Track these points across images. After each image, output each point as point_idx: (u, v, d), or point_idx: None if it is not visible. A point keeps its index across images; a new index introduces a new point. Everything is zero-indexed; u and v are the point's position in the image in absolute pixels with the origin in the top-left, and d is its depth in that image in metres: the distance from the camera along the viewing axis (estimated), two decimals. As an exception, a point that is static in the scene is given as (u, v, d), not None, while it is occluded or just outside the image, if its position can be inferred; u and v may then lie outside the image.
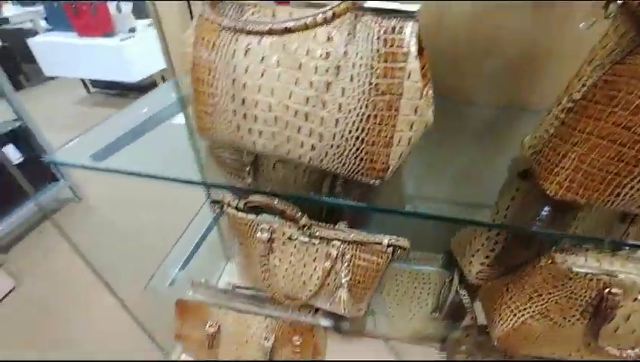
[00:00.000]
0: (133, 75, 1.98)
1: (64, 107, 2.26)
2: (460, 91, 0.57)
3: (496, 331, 0.51)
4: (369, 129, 0.31)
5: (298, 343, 0.65)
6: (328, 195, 0.57)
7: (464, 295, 0.65)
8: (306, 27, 0.30)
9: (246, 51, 0.33)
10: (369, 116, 0.30)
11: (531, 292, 0.45)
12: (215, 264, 0.97)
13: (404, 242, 0.45)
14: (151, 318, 0.74)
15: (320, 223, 0.49)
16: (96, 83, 2.41)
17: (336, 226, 0.49)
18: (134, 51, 1.87)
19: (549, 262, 0.42)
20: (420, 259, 0.73)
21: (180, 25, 0.65)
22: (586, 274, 0.40)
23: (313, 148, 0.34)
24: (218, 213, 0.84)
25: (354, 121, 0.31)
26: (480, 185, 0.49)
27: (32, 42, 2.04)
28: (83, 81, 2.35)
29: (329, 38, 0.30)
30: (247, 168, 0.57)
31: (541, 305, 0.44)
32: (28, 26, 2.58)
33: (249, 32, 0.32)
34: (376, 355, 0.84)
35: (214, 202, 0.53)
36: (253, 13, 0.34)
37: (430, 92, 0.33)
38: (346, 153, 0.33)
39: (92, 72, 2.09)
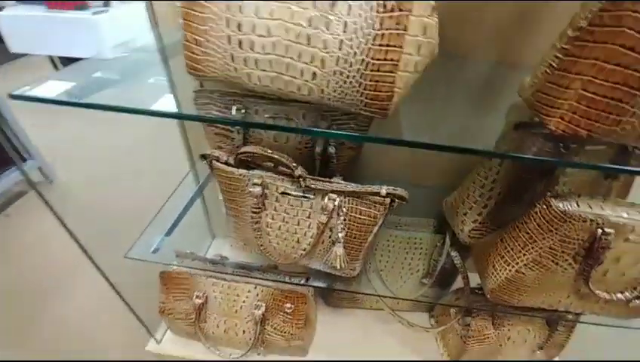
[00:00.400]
0: (106, 53, 1.86)
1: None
2: (455, 45, 0.57)
3: (490, 283, 0.51)
4: (375, 50, 0.29)
5: (290, 311, 0.63)
6: (321, 158, 0.56)
7: (456, 256, 0.66)
8: None
9: (240, -30, 0.30)
10: (375, 36, 0.29)
11: (526, 239, 0.45)
12: (202, 241, 0.93)
13: (402, 192, 0.45)
14: (135, 296, 0.70)
15: (316, 177, 0.47)
16: (65, 61, 2.25)
17: (333, 179, 0.47)
18: (109, 26, 1.75)
19: (545, 206, 0.43)
20: (411, 224, 0.73)
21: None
22: (580, 215, 0.40)
23: (315, 76, 0.32)
24: (203, 183, 0.81)
25: (359, 43, 0.29)
26: (476, 138, 0.49)
27: (-6, 16, 1.87)
28: (51, 58, 2.19)
29: (333, -49, 0.28)
30: (237, 128, 0.54)
31: (535, 252, 0.45)
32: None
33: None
34: (366, 325, 0.84)
35: (202, 156, 0.50)
36: None
37: (436, 19, 0.32)
38: (349, 81, 0.31)
39: (61, 48, 1.94)
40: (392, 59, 0.29)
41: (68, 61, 2.27)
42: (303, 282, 0.62)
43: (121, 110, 0.38)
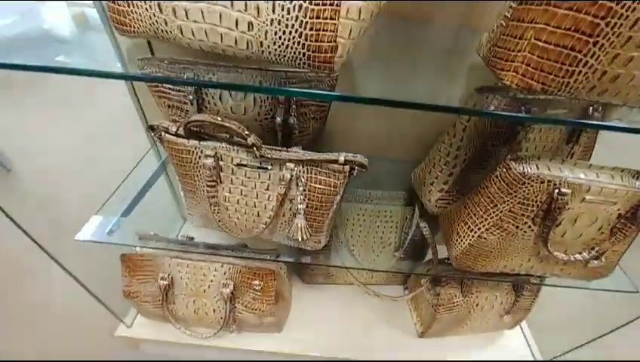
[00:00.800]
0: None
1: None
2: (419, 9, 0.54)
3: (454, 250, 0.51)
4: (313, -6, 0.26)
5: (259, 288, 0.62)
6: (282, 128, 0.53)
7: (425, 227, 0.66)
8: None
9: None
10: (312, -24, 0.26)
11: (487, 203, 0.45)
12: (173, 223, 0.90)
13: (361, 159, 0.43)
14: (101, 282, 0.67)
15: (273, 146, 0.44)
16: None
17: (291, 149, 0.45)
18: None
19: (504, 169, 0.42)
20: (382, 198, 0.72)
21: None
22: (538, 176, 0.40)
23: (250, 27, 0.29)
24: (164, 160, 0.76)
25: (295, -16, 0.26)
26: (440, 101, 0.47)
27: None
28: None
29: None
30: (191, 98, 0.51)
31: (496, 216, 0.45)
32: None
33: None
34: (342, 300, 0.84)
35: (150, 128, 0.46)
36: None
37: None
38: (288, 31, 0.28)
39: None
40: (332, 4, 0.26)
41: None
42: (270, 258, 0.61)
43: (65, 71, 0.34)
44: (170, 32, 0.31)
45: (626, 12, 0.26)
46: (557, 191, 0.40)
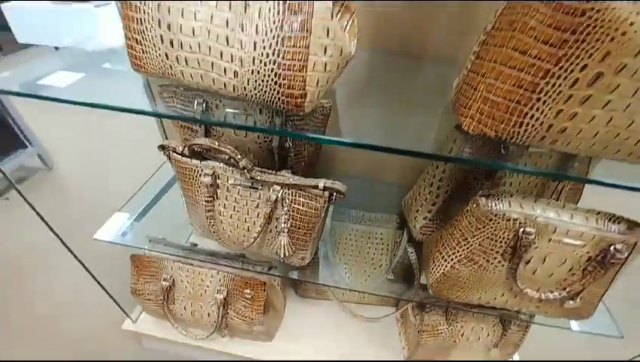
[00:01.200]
0: (105, 44, 1.92)
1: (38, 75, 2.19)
2: (409, 46, 0.58)
3: (430, 277, 0.53)
4: (284, 52, 0.31)
5: (249, 296, 0.66)
6: (279, 151, 0.58)
7: (411, 252, 0.68)
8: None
9: (170, -25, 0.33)
10: (284, 38, 0.31)
11: (459, 236, 0.47)
12: (183, 229, 0.97)
13: (339, 186, 0.47)
14: (113, 279, 0.74)
15: (263, 169, 0.50)
16: (69, 51, 2.34)
17: (280, 172, 0.50)
18: (109, 19, 1.81)
19: (474, 205, 0.44)
20: (375, 220, 0.75)
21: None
22: (504, 214, 0.42)
23: (236, 75, 0.34)
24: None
25: (270, 44, 0.31)
26: (422, 138, 0.50)
27: (6, 8, 1.95)
28: (57, 49, 2.27)
29: (247, -41, 0.30)
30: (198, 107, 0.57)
31: (467, 249, 0.47)
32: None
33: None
34: (334, 316, 0.87)
35: (161, 147, 0.53)
36: None
37: (351, 23, 0.34)
38: (265, 78, 0.33)
39: (65, 39, 2.01)
40: (300, 60, 0.31)
41: (71, 51, 2.35)
42: (261, 270, 0.65)
43: (97, 106, 0.42)
44: (174, 74, 0.38)
45: (564, 73, 0.29)
46: (522, 229, 0.42)
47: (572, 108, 0.31)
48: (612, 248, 0.42)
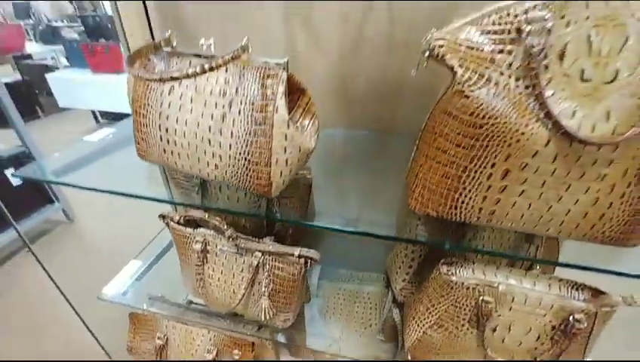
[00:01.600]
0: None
1: (73, 135, 2.44)
2: (382, 124, 0.66)
3: (407, 342, 0.55)
4: (252, 152, 0.39)
5: (238, 357, 0.68)
6: (266, 214, 0.65)
7: (396, 313, 0.69)
8: (204, 71, 0.39)
9: (170, 91, 0.42)
10: (251, 142, 0.38)
11: (427, 302, 0.50)
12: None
13: (314, 254, 0.51)
14: (110, 333, 0.78)
15: (247, 237, 0.55)
16: (104, 114, 2.62)
17: (262, 240, 0.55)
18: None
19: (437, 273, 0.47)
20: (363, 278, 0.78)
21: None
22: (463, 283, 0.45)
23: (217, 167, 0.42)
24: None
25: (241, 145, 0.39)
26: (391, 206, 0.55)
27: (50, 77, 2.27)
28: (93, 112, 2.56)
29: (226, 81, 0.39)
30: (196, 188, 0.65)
31: (436, 315, 0.49)
32: (50, 62, 2.87)
33: (172, 78, 0.42)
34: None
35: (161, 216, 0.60)
36: (176, 63, 0.43)
37: (309, 123, 0.41)
38: (239, 171, 0.41)
39: (101, 104, 2.29)
40: (265, 158, 0.39)
41: (106, 114, 2.64)
42: (250, 330, 0.68)
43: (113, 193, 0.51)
44: (170, 164, 0.46)
45: (479, 168, 0.34)
46: (481, 298, 0.44)
47: (494, 196, 0.35)
48: (571, 318, 0.43)
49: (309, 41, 0.62)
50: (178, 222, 0.58)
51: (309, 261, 0.52)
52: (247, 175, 0.40)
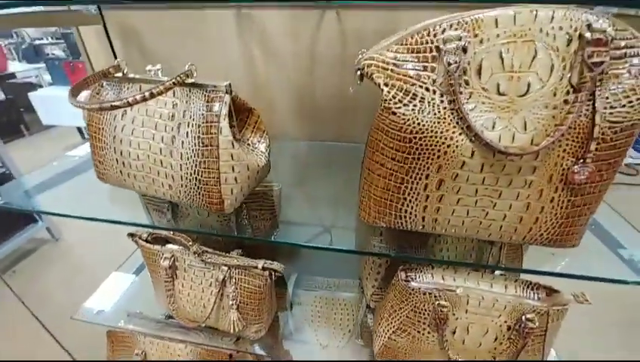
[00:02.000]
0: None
1: (57, 153, 2.43)
2: (344, 135, 0.68)
3: (375, 347, 0.55)
4: (202, 171, 0.40)
5: (216, 370, 0.68)
6: (236, 227, 0.65)
7: (370, 318, 0.70)
8: (153, 96, 0.40)
9: (122, 115, 0.43)
10: (200, 162, 0.39)
11: (389, 308, 0.51)
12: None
13: (277, 266, 0.52)
14: (91, 351, 0.78)
15: (213, 251, 0.56)
16: (91, 130, 2.62)
17: (230, 254, 0.56)
18: None
19: (396, 278, 0.49)
20: (339, 285, 0.79)
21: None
22: (420, 288, 0.46)
23: (170, 187, 0.43)
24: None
25: (191, 166, 0.40)
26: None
27: (33, 95, 2.27)
28: (79, 128, 2.55)
29: (174, 105, 0.41)
30: (167, 207, 0.66)
31: (398, 320, 0.50)
32: (34, 80, 2.87)
33: (122, 104, 0.43)
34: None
35: (130, 235, 0.61)
36: (127, 88, 0.44)
37: (259, 141, 0.43)
38: (191, 191, 0.42)
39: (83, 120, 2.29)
40: (214, 177, 0.40)
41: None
42: (227, 342, 0.68)
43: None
44: (128, 186, 0.47)
45: (415, 180, 0.35)
46: (437, 303, 0.46)
47: (434, 205, 0.37)
48: (523, 317, 0.44)
49: (268, 59, 0.64)
50: (146, 240, 0.59)
51: (273, 273, 0.53)
52: (199, 194, 0.41)
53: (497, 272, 0.51)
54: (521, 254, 0.62)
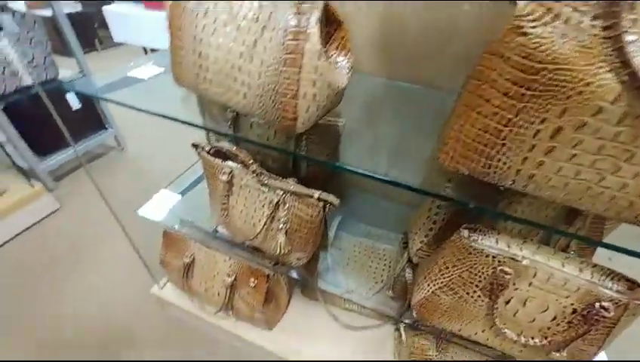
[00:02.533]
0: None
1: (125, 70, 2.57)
2: (424, 78, 0.61)
3: (414, 299, 0.55)
4: (280, 82, 0.37)
5: (253, 285, 0.74)
6: (294, 154, 0.65)
7: (409, 273, 0.69)
8: (241, -7, 0.37)
9: (205, 13, 0.41)
10: (280, 71, 0.37)
11: (441, 264, 0.48)
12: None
13: (333, 199, 0.51)
14: (148, 249, 0.88)
15: (271, 174, 0.56)
16: (155, 51, 2.71)
17: (286, 180, 0.56)
18: None
19: (457, 236, 0.45)
20: (380, 236, 0.78)
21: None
22: (483, 250, 0.43)
23: (245, 96, 0.41)
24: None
25: (270, 75, 0.38)
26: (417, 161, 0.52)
27: (106, 10, 2.34)
28: (144, 48, 2.64)
29: (260, 5, 0.37)
30: (229, 123, 0.66)
31: (448, 277, 0.48)
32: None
33: (206, -2, 0.41)
34: (336, 324, 0.90)
35: (194, 145, 0.63)
36: (214, -18, 0.41)
37: (343, 59, 0.39)
38: (266, 102, 0.40)
39: (150, 40, 2.34)
40: (292, 89, 0.37)
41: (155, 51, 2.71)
42: (267, 263, 0.72)
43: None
44: (201, 91, 0.46)
45: (525, 123, 0.30)
46: (500, 268, 0.42)
47: (537, 157, 0.32)
48: (597, 304, 0.40)
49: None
50: (208, 152, 0.60)
51: (328, 205, 0.52)
52: (273, 107, 0.40)
53: (572, 252, 0.46)
54: (600, 227, 0.55)
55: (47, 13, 1.38)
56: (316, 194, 0.51)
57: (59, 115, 0.66)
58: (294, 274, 0.70)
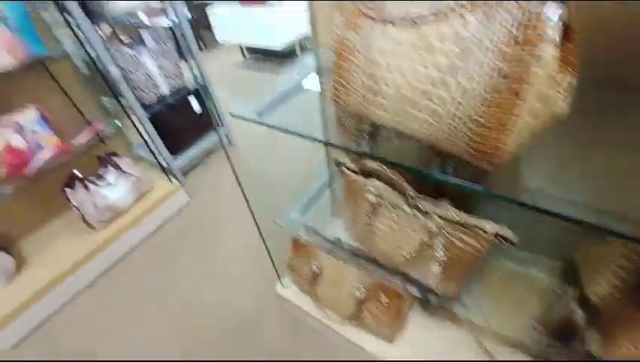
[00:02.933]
0: (277, 42, 2.29)
1: (226, 70, 2.79)
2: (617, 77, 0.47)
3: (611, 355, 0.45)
4: (486, 113, 0.31)
5: (384, 302, 0.72)
6: (438, 172, 0.58)
7: (581, 316, 0.57)
8: (444, 14, 0.32)
9: (383, 34, 0.38)
10: (488, 99, 0.31)
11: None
12: (324, 218, 1.11)
13: (511, 235, 0.44)
14: (274, 248, 0.93)
15: (425, 197, 0.52)
16: (249, 50, 2.87)
17: (439, 202, 0.51)
18: (279, 19, 2.16)
19: None
20: (528, 260, 0.67)
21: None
22: None
23: (430, 125, 0.37)
24: (334, 173, 0.95)
25: (472, 103, 0.32)
26: (625, 191, 0.41)
27: (210, 11, 2.55)
28: (241, 47, 2.82)
29: (464, 22, 0.32)
30: (366, 137, 0.64)
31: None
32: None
33: (386, 21, 0.37)
34: (453, 340, 0.82)
35: (337, 163, 0.62)
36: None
37: (570, 81, 0.31)
38: (459, 134, 0.35)
39: (247, 38, 2.49)
40: (501, 122, 0.31)
41: (250, 50, 2.88)
42: (399, 281, 0.69)
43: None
44: (368, 113, 0.43)
45: None
46: None
47: None
48: None
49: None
50: (353, 170, 0.59)
51: (503, 241, 0.45)
52: (467, 140, 0.34)
53: None
54: None
55: (162, 22, 1.54)
56: (489, 228, 0.45)
57: (187, 117, 0.71)
58: (433, 299, 0.66)
